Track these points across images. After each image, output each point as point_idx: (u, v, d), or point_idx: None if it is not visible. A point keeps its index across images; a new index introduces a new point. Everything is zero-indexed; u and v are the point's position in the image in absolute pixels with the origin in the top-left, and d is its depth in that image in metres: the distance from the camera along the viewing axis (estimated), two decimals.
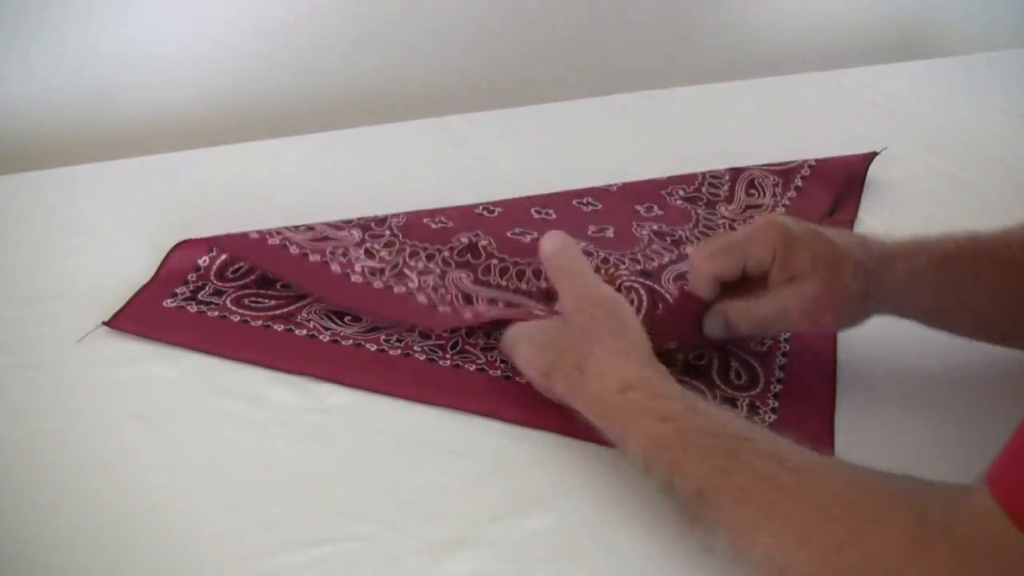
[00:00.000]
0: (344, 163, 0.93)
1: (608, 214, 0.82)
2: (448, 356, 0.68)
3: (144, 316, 0.70)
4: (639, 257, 0.75)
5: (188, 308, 0.71)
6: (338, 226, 0.74)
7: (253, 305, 0.71)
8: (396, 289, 0.68)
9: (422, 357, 0.67)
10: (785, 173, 0.89)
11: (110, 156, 0.90)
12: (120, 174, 0.88)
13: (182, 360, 0.67)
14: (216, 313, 0.70)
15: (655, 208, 0.84)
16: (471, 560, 0.54)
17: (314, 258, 0.70)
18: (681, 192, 0.86)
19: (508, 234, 0.75)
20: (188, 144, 0.94)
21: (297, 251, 0.72)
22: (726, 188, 0.87)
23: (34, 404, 0.63)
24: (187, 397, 0.64)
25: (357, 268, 0.70)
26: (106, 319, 0.69)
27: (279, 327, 0.69)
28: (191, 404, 0.64)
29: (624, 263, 0.73)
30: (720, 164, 0.96)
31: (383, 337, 0.69)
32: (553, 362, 0.60)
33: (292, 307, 0.71)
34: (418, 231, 0.76)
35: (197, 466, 0.60)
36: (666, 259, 0.74)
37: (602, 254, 0.75)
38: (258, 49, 1.08)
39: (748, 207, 0.86)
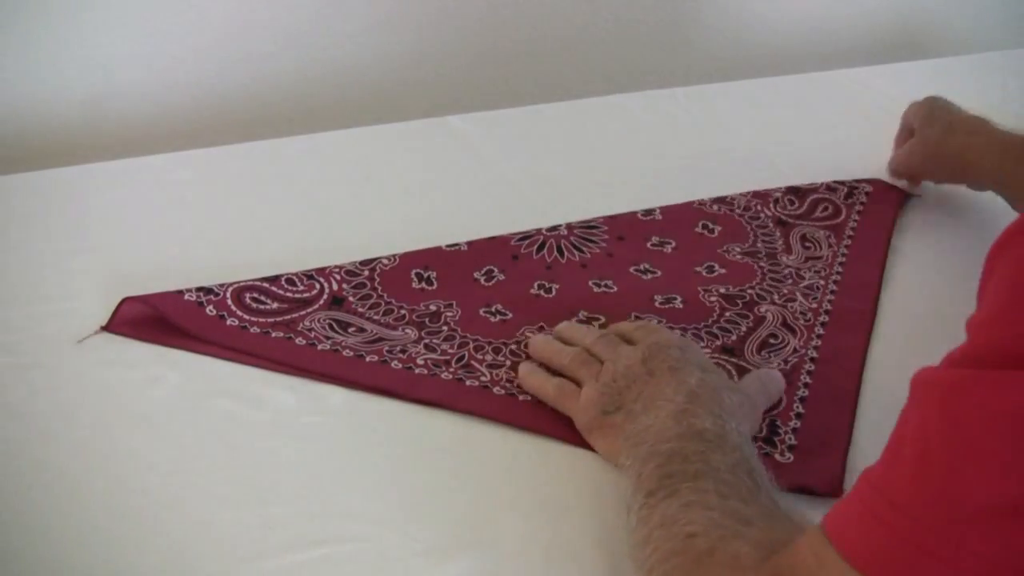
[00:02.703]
0: (344, 163, 0.93)
1: (671, 282, 0.78)
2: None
3: (140, 319, 0.69)
4: (716, 331, 0.72)
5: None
6: (390, 325, 0.71)
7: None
8: (468, 382, 0.66)
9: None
10: (835, 227, 0.86)
11: (110, 156, 0.90)
12: (120, 174, 0.88)
13: (182, 360, 0.67)
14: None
15: (716, 267, 0.80)
16: (471, 560, 0.54)
17: (371, 359, 0.68)
18: (738, 249, 0.82)
19: (574, 321, 0.72)
20: (188, 144, 0.94)
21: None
22: (780, 241, 0.84)
23: (34, 404, 0.63)
24: (187, 397, 0.64)
25: (420, 361, 0.68)
26: (104, 324, 0.69)
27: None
28: (191, 404, 0.64)
29: (703, 340, 0.71)
30: (721, 165, 0.96)
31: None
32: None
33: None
34: (477, 324, 0.72)
35: (197, 466, 0.60)
36: (743, 329, 0.72)
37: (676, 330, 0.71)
38: (258, 49, 1.08)
39: (808, 259, 0.82)
